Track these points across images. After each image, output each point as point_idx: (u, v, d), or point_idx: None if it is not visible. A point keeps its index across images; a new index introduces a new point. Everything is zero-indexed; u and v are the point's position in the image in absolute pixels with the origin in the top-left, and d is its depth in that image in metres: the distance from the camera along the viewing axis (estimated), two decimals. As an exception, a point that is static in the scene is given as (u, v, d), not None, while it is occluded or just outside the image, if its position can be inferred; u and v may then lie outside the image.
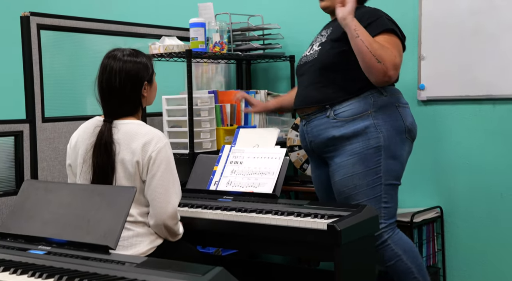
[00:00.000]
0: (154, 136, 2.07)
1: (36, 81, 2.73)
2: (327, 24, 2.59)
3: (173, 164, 2.09)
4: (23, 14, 2.72)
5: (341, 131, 2.35)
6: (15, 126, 2.66)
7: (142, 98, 2.14)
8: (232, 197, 2.44)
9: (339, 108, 2.37)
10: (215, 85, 3.58)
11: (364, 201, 2.31)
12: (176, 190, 2.08)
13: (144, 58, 2.15)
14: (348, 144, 2.34)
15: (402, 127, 2.38)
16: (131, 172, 2.04)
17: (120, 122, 2.09)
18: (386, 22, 2.37)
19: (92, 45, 3.19)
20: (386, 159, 2.33)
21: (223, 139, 3.14)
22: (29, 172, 2.69)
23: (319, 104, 2.40)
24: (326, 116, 2.39)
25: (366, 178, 2.33)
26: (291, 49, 3.50)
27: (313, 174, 2.61)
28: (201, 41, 3.08)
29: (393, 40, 2.34)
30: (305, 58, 2.53)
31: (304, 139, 2.51)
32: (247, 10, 3.53)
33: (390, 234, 2.35)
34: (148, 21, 3.45)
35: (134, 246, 2.02)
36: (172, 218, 2.06)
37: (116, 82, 2.08)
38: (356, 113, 2.35)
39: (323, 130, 2.40)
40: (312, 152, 2.50)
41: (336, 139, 2.36)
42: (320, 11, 3.51)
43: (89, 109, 3.11)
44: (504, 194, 2.89)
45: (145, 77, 2.13)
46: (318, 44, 2.48)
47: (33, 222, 1.79)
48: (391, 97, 2.39)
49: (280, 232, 2.14)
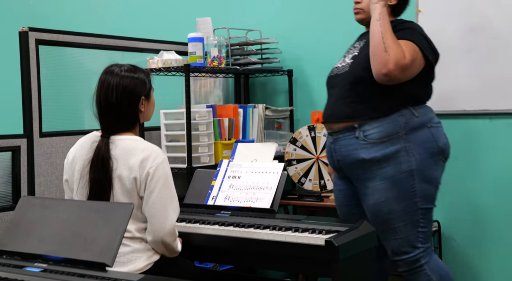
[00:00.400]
0: (152, 152, 2.06)
1: (34, 96, 2.73)
2: (361, 35, 2.50)
3: (171, 180, 2.08)
4: (21, 30, 2.72)
5: (371, 154, 2.26)
6: (13, 141, 2.66)
7: (139, 113, 2.14)
8: (230, 212, 2.44)
9: (368, 129, 2.27)
10: (213, 99, 3.59)
11: (401, 226, 2.25)
12: (174, 206, 2.07)
13: (142, 73, 2.16)
14: (379, 168, 2.26)
15: (435, 149, 2.28)
16: (129, 188, 2.04)
17: (117, 137, 2.09)
18: (414, 34, 2.28)
19: (91, 60, 3.20)
20: (420, 183, 2.24)
21: (221, 153, 3.14)
22: (26, 188, 2.68)
23: (347, 120, 2.31)
24: (355, 137, 2.29)
25: (401, 203, 2.24)
26: (289, 64, 3.51)
27: (337, 188, 2.52)
28: (199, 55, 3.09)
29: (413, 47, 2.23)
30: (336, 70, 2.45)
31: (332, 157, 2.42)
32: (245, 24, 3.54)
33: (427, 260, 2.28)
34: (147, 35, 3.46)
35: (132, 262, 2.01)
36: (170, 235, 2.05)
37: (113, 97, 2.08)
38: (387, 135, 2.25)
39: (352, 151, 2.30)
40: (340, 170, 2.42)
41: (366, 161, 2.27)
42: (318, 26, 3.53)
43: (86, 124, 3.11)
44: (501, 210, 2.89)
45: (142, 92, 2.12)
46: (350, 57, 2.40)
47: (29, 239, 1.78)
48: (423, 118, 2.28)
49: (278, 247, 2.14)
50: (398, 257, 2.29)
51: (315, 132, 3.28)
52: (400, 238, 2.26)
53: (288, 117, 3.47)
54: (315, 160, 3.27)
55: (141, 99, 2.12)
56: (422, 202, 2.25)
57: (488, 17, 2.87)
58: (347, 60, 2.41)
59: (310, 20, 3.46)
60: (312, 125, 3.30)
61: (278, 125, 3.45)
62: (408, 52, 2.21)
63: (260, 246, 2.17)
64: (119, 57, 3.17)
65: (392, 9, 2.38)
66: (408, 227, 2.24)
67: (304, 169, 3.30)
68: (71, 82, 3.37)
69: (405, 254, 2.27)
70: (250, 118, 3.31)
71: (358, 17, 2.44)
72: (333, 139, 2.38)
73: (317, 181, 3.26)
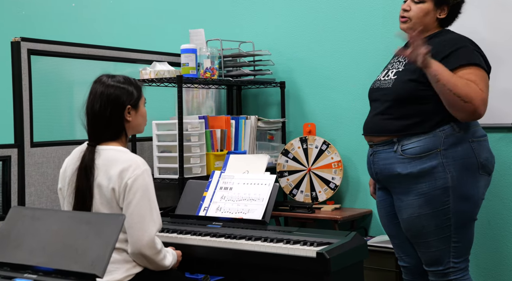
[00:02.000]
0: (132, 163, 2.05)
1: (25, 106, 2.72)
2: (405, 45, 2.38)
3: (151, 192, 2.05)
4: (13, 40, 2.72)
5: (408, 169, 2.23)
6: (3, 150, 2.65)
7: (125, 122, 2.14)
8: (221, 223, 2.43)
9: (407, 144, 2.24)
10: (206, 110, 3.59)
11: (433, 241, 2.24)
12: (154, 218, 2.04)
13: (130, 83, 2.16)
14: (414, 183, 2.23)
15: (474, 165, 2.21)
16: (108, 198, 2.04)
17: (102, 147, 2.10)
18: (469, 53, 2.19)
19: (83, 70, 3.20)
20: (455, 200, 2.20)
21: (213, 164, 3.13)
22: (17, 198, 2.67)
23: (388, 135, 2.29)
24: (393, 151, 2.26)
25: (434, 220, 2.22)
26: (282, 75, 3.53)
27: (377, 199, 2.50)
28: (192, 66, 3.10)
29: (477, 73, 2.16)
30: (378, 83, 2.40)
31: (370, 168, 2.40)
32: (238, 36, 3.56)
33: (458, 277, 2.26)
34: (140, 46, 3.47)
35: (111, 272, 1.99)
36: (149, 248, 2.01)
37: (97, 105, 2.10)
38: (425, 151, 2.21)
39: (389, 165, 2.28)
40: (378, 181, 2.42)
41: (401, 176, 2.25)
42: (311, 38, 3.55)
43: (78, 134, 3.11)
44: (491, 221, 2.90)
45: (127, 101, 2.12)
46: (394, 72, 2.33)
47: (19, 250, 1.77)
48: (464, 133, 2.22)
49: (269, 259, 2.13)
50: (428, 268, 2.30)
51: (307, 143, 3.29)
52: (431, 252, 2.26)
53: (280, 129, 3.48)
54: (307, 171, 3.28)
55: (127, 108, 2.12)
56: (455, 218, 2.21)
57: (479, 33, 2.89)
58: (391, 74, 2.34)
59: (302, 33, 3.48)
60: (304, 137, 3.31)
61: (270, 137, 3.46)
62: (481, 82, 2.15)
63: (251, 257, 2.17)
64: (112, 67, 3.18)
65: (439, 21, 2.33)
66: (440, 242, 2.23)
67: (295, 180, 3.30)
68: (63, 92, 3.37)
69: (435, 267, 2.27)
70: (242, 129, 3.31)
71: (405, 26, 2.33)
72: (373, 151, 2.36)
73: (308, 192, 3.27)
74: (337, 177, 3.21)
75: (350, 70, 3.32)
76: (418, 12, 2.29)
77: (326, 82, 3.40)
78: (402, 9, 2.35)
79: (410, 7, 2.31)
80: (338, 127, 3.35)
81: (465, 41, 2.25)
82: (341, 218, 3.01)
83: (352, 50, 3.31)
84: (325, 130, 3.38)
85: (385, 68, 2.47)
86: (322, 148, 3.25)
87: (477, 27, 2.82)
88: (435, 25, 2.33)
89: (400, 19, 2.35)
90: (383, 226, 2.50)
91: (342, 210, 3.20)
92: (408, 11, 2.32)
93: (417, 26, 2.26)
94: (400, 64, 2.34)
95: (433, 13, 2.29)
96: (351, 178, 3.31)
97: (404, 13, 2.33)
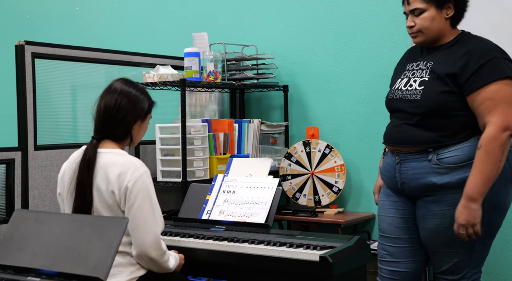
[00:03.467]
0: (131, 166, 2.05)
1: (29, 109, 2.73)
2: (421, 51, 2.29)
3: (152, 193, 2.06)
4: (18, 43, 2.73)
5: (444, 179, 2.12)
6: (7, 154, 2.65)
7: (131, 129, 2.15)
8: (224, 227, 2.43)
9: (443, 152, 2.13)
10: (209, 114, 3.60)
11: (459, 251, 2.16)
12: (157, 218, 2.05)
13: (147, 98, 2.19)
14: (450, 193, 2.12)
15: (508, 177, 2.14)
16: (108, 201, 2.04)
17: (101, 150, 2.11)
18: (500, 65, 2.09)
19: (87, 74, 3.21)
20: (488, 211, 2.11)
21: (216, 168, 3.14)
22: (20, 201, 2.67)
23: (422, 146, 2.16)
24: (428, 160, 2.15)
25: None
26: (285, 79, 3.53)
27: (388, 200, 2.34)
28: (195, 70, 3.11)
29: (506, 90, 2.07)
30: (400, 92, 2.25)
31: (394, 177, 2.25)
32: (241, 40, 3.56)
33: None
34: (143, 50, 3.47)
35: (114, 276, 1.99)
36: (154, 249, 2.02)
37: (113, 100, 2.11)
38: (463, 160, 2.11)
39: (421, 174, 2.16)
40: (401, 191, 2.26)
41: (437, 187, 2.13)
42: (314, 42, 3.56)
43: (81, 138, 3.12)
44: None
45: (139, 110, 2.14)
46: (419, 82, 2.20)
47: (22, 253, 1.77)
48: None
49: (272, 263, 2.13)
50: (441, 275, 2.24)
51: (310, 147, 3.29)
52: (453, 262, 2.19)
53: (283, 132, 3.48)
54: (310, 175, 3.28)
55: (138, 117, 2.14)
56: (485, 229, 2.13)
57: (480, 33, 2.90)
58: (415, 84, 2.21)
59: (306, 36, 3.49)
60: (307, 140, 3.31)
61: (273, 140, 3.46)
62: (507, 106, 2.06)
63: (254, 261, 2.16)
64: (115, 71, 3.19)
65: (451, 22, 2.21)
66: (465, 253, 2.17)
67: (298, 184, 3.30)
68: (66, 95, 3.38)
69: (451, 275, 2.20)
70: (245, 133, 3.31)
71: (419, 40, 2.23)
72: (400, 160, 2.21)
73: (311, 196, 3.27)
74: (340, 181, 3.21)
75: (353, 74, 3.32)
76: (423, 23, 2.18)
77: (329, 86, 3.40)
78: (407, 27, 2.23)
79: (414, 22, 2.20)
80: (341, 130, 3.35)
81: (493, 49, 2.14)
82: (344, 222, 3.01)
83: (355, 54, 3.31)
84: (328, 134, 3.38)
85: (402, 75, 2.31)
86: (325, 151, 3.25)
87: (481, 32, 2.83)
88: (447, 26, 2.21)
89: (411, 36, 2.24)
90: (389, 229, 2.32)
91: (345, 214, 3.19)
92: (413, 26, 2.21)
93: (430, 33, 2.18)
94: (424, 72, 2.21)
95: (439, 17, 2.17)
96: (354, 182, 3.31)
97: (411, 30, 2.22)
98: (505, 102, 2.07)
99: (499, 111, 2.06)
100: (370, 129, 3.26)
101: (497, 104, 2.07)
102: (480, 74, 2.09)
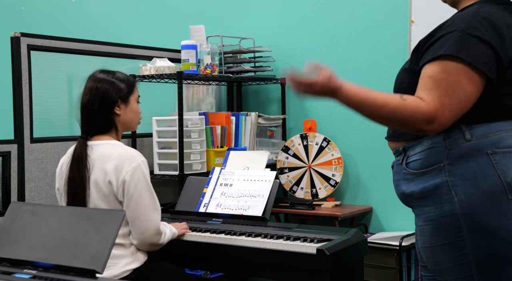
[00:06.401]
0: (128, 156, 2.08)
1: (25, 102, 2.71)
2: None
3: (149, 182, 2.11)
4: (13, 35, 2.72)
5: (410, 187, 1.70)
6: (3, 146, 2.64)
7: (115, 116, 2.15)
8: (221, 220, 2.43)
9: (411, 155, 1.70)
10: (206, 107, 3.59)
11: (454, 280, 1.66)
12: (156, 206, 2.11)
13: (122, 79, 2.19)
14: (422, 206, 1.69)
15: (497, 187, 1.57)
16: (105, 192, 2.05)
17: (95, 142, 2.12)
18: (450, 43, 1.58)
19: (83, 66, 3.19)
20: (472, 233, 1.59)
21: (213, 161, 3.13)
22: (16, 193, 2.66)
23: (395, 139, 1.79)
24: (400, 163, 1.74)
25: (447, 254, 1.65)
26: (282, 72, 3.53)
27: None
28: (192, 63, 3.09)
29: (451, 74, 1.56)
30: None
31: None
32: (238, 32, 3.55)
33: None
34: (140, 42, 3.46)
35: (108, 268, 2.01)
36: (156, 235, 2.09)
37: (86, 98, 2.15)
38: (427, 165, 1.65)
39: (397, 181, 1.77)
40: None
41: (407, 196, 1.73)
42: (312, 35, 3.55)
43: (78, 130, 3.10)
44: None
45: (115, 95, 2.15)
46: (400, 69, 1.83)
47: (19, 246, 1.77)
48: (479, 142, 1.59)
49: (269, 255, 2.13)
50: None
51: (307, 140, 3.28)
52: None
53: (280, 126, 3.47)
54: (307, 168, 3.27)
55: (116, 102, 2.14)
56: (475, 256, 1.61)
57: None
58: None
59: (303, 29, 3.48)
60: (305, 133, 3.30)
61: (271, 133, 3.46)
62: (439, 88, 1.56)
63: (251, 254, 2.17)
64: (112, 63, 3.17)
65: None
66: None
67: (296, 177, 3.30)
68: (63, 88, 3.36)
69: None
70: (243, 126, 3.31)
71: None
72: (392, 162, 1.83)
73: (308, 189, 3.26)
74: (337, 174, 3.21)
75: (350, 67, 3.31)
76: None
77: (327, 79, 3.39)
78: None
79: None
80: (339, 124, 3.35)
81: (464, 25, 1.60)
82: (341, 215, 3.01)
83: (353, 47, 3.30)
84: (325, 127, 3.37)
85: None
86: (323, 144, 3.25)
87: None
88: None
89: None
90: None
91: (342, 207, 3.19)
92: None
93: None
94: (407, 63, 1.81)
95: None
96: (351, 175, 3.31)
97: None
98: (444, 89, 1.56)
99: (436, 95, 1.56)
100: (367, 122, 3.22)
101: (437, 86, 1.57)
102: (429, 50, 1.63)
